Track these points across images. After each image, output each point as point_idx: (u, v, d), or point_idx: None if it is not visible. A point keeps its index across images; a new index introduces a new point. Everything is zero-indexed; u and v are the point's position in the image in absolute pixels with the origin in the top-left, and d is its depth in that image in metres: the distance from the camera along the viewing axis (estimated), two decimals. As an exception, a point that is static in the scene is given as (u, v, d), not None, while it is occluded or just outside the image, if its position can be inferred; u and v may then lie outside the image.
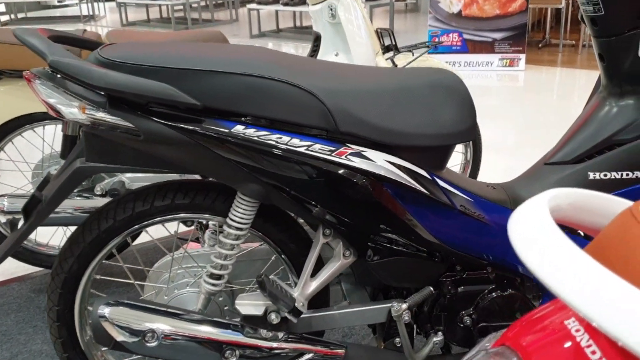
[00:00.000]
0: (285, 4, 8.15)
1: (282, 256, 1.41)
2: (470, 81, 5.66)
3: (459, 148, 2.69)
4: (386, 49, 2.42)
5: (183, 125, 1.16)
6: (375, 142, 1.23)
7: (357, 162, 1.22)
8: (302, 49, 7.83)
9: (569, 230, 1.40)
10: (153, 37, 2.14)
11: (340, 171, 1.21)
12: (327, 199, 1.25)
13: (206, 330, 1.25)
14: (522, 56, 5.86)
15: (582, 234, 1.42)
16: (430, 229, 1.33)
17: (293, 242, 1.40)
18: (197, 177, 1.79)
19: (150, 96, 1.13)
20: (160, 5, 11.04)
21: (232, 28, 10.26)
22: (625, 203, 0.61)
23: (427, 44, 2.46)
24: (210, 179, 1.34)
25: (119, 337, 1.21)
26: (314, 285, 1.35)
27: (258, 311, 1.33)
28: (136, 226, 1.34)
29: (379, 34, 2.42)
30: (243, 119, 1.19)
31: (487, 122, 4.37)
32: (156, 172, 1.34)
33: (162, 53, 1.18)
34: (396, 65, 2.33)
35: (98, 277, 1.40)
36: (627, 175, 1.38)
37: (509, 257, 1.41)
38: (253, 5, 8.56)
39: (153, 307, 1.25)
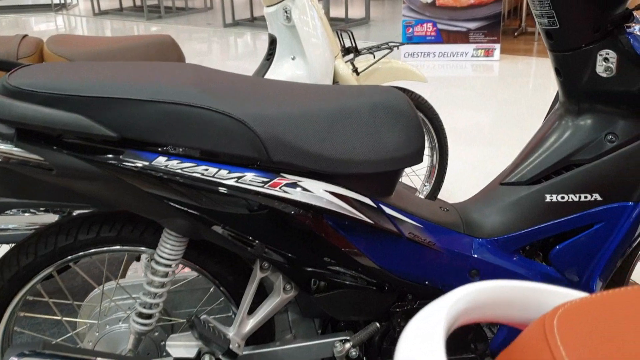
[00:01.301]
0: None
1: (221, 288, 1.32)
2: (444, 72, 5.57)
3: (426, 152, 2.61)
4: (346, 51, 2.31)
5: (99, 158, 1.06)
6: (312, 171, 1.14)
7: (292, 194, 1.12)
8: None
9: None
10: (97, 43, 2.02)
11: (275, 204, 1.12)
12: (263, 233, 1.15)
13: (130, 379, 1.16)
14: (497, 46, 5.78)
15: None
16: (377, 259, 1.25)
17: (231, 274, 1.30)
18: None
19: (61, 128, 1.02)
20: (133, -7, 10.79)
21: (206, 16, 10.06)
22: (553, 293, 0.53)
23: (389, 44, 2.36)
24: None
25: None
26: (251, 323, 1.26)
27: (190, 353, 1.24)
28: (59, 261, 1.23)
29: (339, 35, 2.32)
30: (166, 149, 1.08)
31: (459, 113, 4.29)
32: (75, 208, 1.24)
33: (76, 79, 1.07)
34: (356, 69, 2.23)
35: (22, 314, 1.30)
36: (586, 197, 1.30)
37: (463, 284, 1.33)
38: (226, -6, 8.38)
39: (71, 354, 1.15)
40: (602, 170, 1.29)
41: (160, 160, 1.07)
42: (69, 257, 1.23)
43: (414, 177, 2.77)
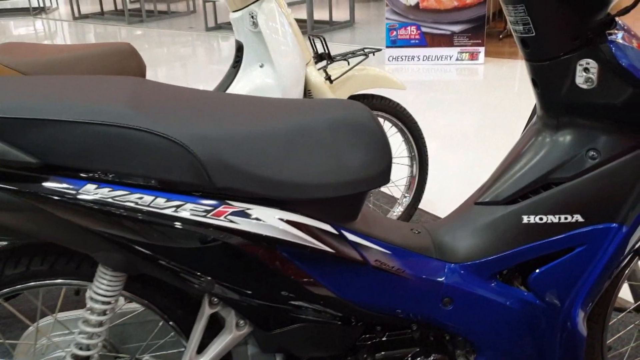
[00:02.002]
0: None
1: (170, 323, 1.20)
2: (429, 75, 5.47)
3: (405, 162, 2.50)
4: (319, 58, 2.20)
5: (18, 187, 0.93)
6: (263, 198, 1.02)
7: (240, 224, 1.00)
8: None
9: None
10: (50, 52, 1.90)
11: (220, 235, 1.00)
12: (209, 267, 1.04)
13: None
14: (482, 49, 5.68)
15: None
16: (340, 290, 1.13)
17: (180, 307, 1.18)
18: None
19: None
20: (114, -3, 10.62)
21: (189, 20, 9.92)
22: None
23: (364, 50, 2.25)
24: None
25: None
26: None
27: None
28: None
29: (311, 41, 2.20)
30: (95, 175, 0.96)
31: (443, 118, 4.19)
32: (-5, 241, 1.11)
33: None
34: (329, 76, 2.11)
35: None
36: (566, 218, 1.20)
37: (435, 314, 1.22)
38: (209, -3, 8.26)
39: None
40: (583, 189, 1.19)
41: (89, 188, 0.95)
42: (-3, 293, 1.11)
43: (394, 187, 2.66)
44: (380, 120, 2.37)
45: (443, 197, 2.92)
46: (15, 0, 11.93)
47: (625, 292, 1.64)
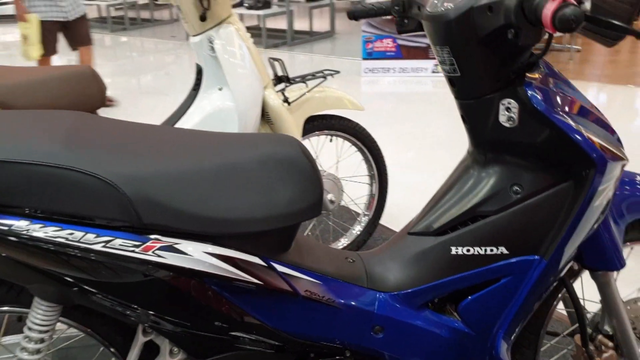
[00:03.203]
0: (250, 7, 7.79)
1: (111, 349, 1.24)
2: (404, 87, 5.54)
3: (365, 180, 2.56)
4: (278, 80, 2.25)
5: None
6: (191, 233, 1.07)
7: (167, 258, 1.05)
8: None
9: None
10: (12, 75, 1.93)
11: (149, 269, 1.05)
12: (140, 300, 1.08)
13: None
14: (458, 62, 5.76)
15: None
16: (271, 321, 1.18)
17: (120, 334, 1.22)
18: None
19: None
20: (98, 5, 10.61)
21: (171, 28, 9.95)
22: None
23: (324, 72, 2.30)
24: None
25: None
26: None
27: None
28: None
29: (271, 64, 2.25)
30: (28, 212, 1.00)
31: (417, 130, 4.26)
32: None
33: None
34: (287, 98, 2.16)
35: None
36: (492, 250, 1.25)
37: (367, 342, 1.27)
38: (190, 6, 8.26)
39: None
40: (507, 222, 1.24)
41: (21, 225, 0.99)
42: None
43: (359, 204, 2.71)
44: (340, 140, 2.42)
45: (412, 213, 2.97)
46: (4, 7, 11.90)
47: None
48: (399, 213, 2.94)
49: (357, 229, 2.56)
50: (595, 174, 1.17)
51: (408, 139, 4.13)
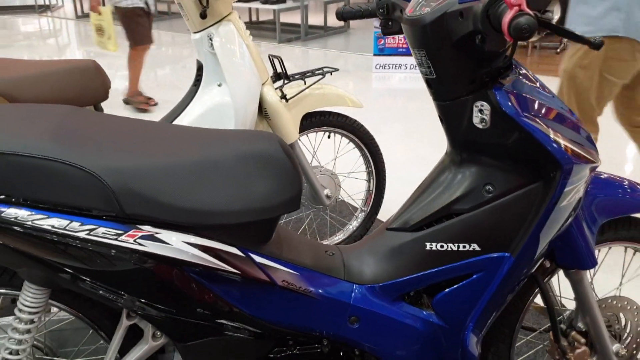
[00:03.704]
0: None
1: (100, 332, 1.31)
2: (415, 84, 5.57)
3: (363, 177, 2.60)
4: (277, 77, 2.30)
5: None
6: (170, 223, 1.13)
7: (147, 246, 1.11)
8: (259, 46, 7.66)
9: None
10: (19, 68, 2.01)
11: (130, 256, 1.11)
12: (122, 284, 1.14)
13: None
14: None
15: None
16: (249, 308, 1.24)
17: (107, 317, 1.29)
18: None
19: None
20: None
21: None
22: None
23: (323, 70, 2.35)
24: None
25: None
26: None
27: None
28: None
29: (271, 61, 2.31)
30: (17, 200, 1.07)
31: (426, 126, 4.29)
32: None
33: None
34: (285, 95, 2.22)
35: None
36: (464, 247, 1.30)
37: (343, 331, 1.32)
38: None
39: None
40: (480, 220, 1.28)
41: (10, 212, 1.06)
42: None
43: (358, 200, 2.76)
44: (337, 136, 2.47)
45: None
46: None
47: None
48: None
49: (354, 225, 2.60)
50: (562, 176, 1.21)
51: (417, 136, 4.16)
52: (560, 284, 1.51)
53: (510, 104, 1.19)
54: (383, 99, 5.15)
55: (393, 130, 4.28)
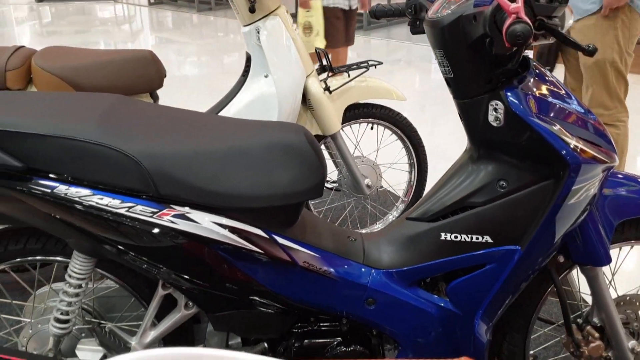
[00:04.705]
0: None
1: (142, 301, 1.45)
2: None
3: (405, 168, 2.67)
4: (322, 70, 2.39)
5: (10, 184, 1.20)
6: (200, 204, 1.25)
7: (179, 224, 1.24)
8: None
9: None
10: (82, 56, 2.19)
11: (164, 232, 1.24)
12: (158, 257, 1.27)
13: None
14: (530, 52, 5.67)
15: None
16: (272, 285, 1.35)
17: (147, 287, 1.43)
18: None
19: None
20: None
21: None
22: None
23: (368, 63, 2.43)
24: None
25: None
26: (152, 335, 1.38)
27: (95, 358, 1.38)
28: None
29: (317, 54, 2.40)
30: (66, 178, 1.21)
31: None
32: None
33: None
34: (328, 87, 2.31)
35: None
36: (478, 239, 1.36)
37: (360, 312, 1.41)
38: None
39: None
40: (493, 214, 1.34)
41: (61, 189, 1.20)
42: (1, 264, 1.39)
43: (400, 190, 2.83)
44: (381, 128, 2.55)
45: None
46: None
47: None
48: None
49: (394, 214, 2.68)
50: (569, 174, 1.25)
51: (455, 130, 4.16)
52: (580, 280, 1.55)
53: (521, 104, 1.24)
54: (440, 90, 5.15)
55: (448, 122, 4.29)
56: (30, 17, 10.28)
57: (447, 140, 3.94)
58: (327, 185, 2.52)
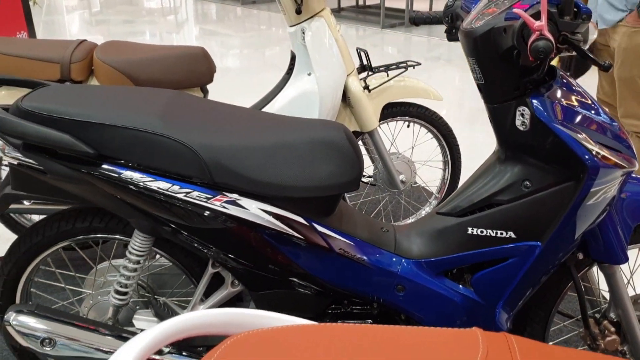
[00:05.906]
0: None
1: (192, 278, 1.60)
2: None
3: (439, 166, 2.77)
4: (362, 69, 2.51)
5: (82, 168, 1.36)
6: (249, 192, 1.39)
7: (230, 209, 1.38)
8: (362, 30, 7.87)
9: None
10: (139, 51, 2.35)
11: (216, 216, 1.38)
12: (210, 238, 1.42)
13: (94, 339, 1.47)
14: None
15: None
16: (310, 269, 1.48)
17: (198, 265, 1.58)
18: None
19: (52, 145, 1.33)
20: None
21: (299, 3, 10.36)
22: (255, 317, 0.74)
23: (407, 63, 2.53)
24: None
25: (23, 342, 1.45)
26: (201, 309, 1.53)
27: (149, 327, 1.53)
28: (62, 243, 1.56)
29: (358, 53, 2.52)
30: (132, 165, 1.37)
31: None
32: (65, 204, 1.54)
33: (71, 103, 1.37)
34: (368, 86, 2.42)
35: (37, 280, 1.64)
36: (502, 234, 1.47)
37: (390, 297, 1.54)
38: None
39: (55, 316, 1.48)
40: (517, 211, 1.45)
41: (127, 174, 1.36)
42: (69, 240, 1.55)
43: (433, 187, 2.93)
44: (417, 126, 2.65)
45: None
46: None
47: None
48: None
49: (427, 210, 2.78)
50: (588, 177, 1.35)
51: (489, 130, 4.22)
52: (599, 277, 1.64)
53: (545, 111, 1.34)
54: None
55: (485, 122, 4.36)
56: (80, 5, 10.63)
57: (482, 140, 4.02)
58: (363, 179, 2.64)
